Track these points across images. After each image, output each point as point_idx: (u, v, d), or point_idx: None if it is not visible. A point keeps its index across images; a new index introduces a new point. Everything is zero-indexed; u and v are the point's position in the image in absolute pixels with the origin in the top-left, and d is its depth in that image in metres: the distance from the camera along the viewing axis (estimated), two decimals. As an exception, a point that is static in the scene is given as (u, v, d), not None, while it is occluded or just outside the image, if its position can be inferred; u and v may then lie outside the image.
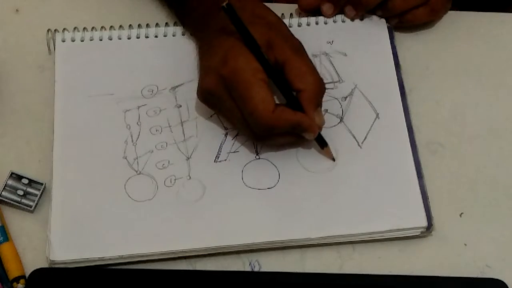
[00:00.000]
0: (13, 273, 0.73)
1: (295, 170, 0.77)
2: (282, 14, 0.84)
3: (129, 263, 0.74)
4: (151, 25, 0.84)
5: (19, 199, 0.76)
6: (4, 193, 0.76)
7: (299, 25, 0.85)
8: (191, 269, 0.74)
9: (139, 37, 0.84)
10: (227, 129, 0.79)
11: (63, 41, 0.84)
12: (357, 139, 0.79)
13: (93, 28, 0.84)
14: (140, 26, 0.85)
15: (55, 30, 0.84)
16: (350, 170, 0.77)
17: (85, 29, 0.84)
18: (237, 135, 0.79)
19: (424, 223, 0.75)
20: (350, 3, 0.84)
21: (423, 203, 0.75)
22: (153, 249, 0.73)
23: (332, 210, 0.75)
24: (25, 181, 0.77)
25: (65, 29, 0.84)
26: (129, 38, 0.84)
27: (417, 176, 0.77)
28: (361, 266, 0.74)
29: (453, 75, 0.84)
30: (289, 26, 0.83)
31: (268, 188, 0.76)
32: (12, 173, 0.77)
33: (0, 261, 0.74)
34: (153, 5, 0.87)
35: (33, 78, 0.83)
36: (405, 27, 0.85)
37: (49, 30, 0.84)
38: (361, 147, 0.79)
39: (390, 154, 0.78)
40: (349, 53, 0.84)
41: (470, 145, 0.80)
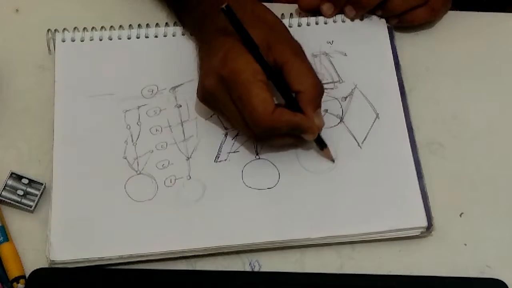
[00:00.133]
0: (13, 273, 0.73)
1: (295, 170, 0.77)
2: (282, 14, 0.84)
3: (129, 263, 0.74)
4: (151, 25, 0.84)
5: (19, 199, 0.76)
6: (4, 193, 0.76)
7: (299, 25, 0.85)
8: (191, 269, 0.74)
9: (139, 37, 0.84)
10: (227, 129, 0.79)
11: (63, 41, 0.84)
12: (357, 139, 0.79)
13: (93, 28, 0.84)
14: (140, 26, 0.85)
15: (55, 30, 0.84)
16: (350, 170, 0.77)
17: (85, 29, 0.84)
18: (237, 135, 0.79)
19: (424, 223, 0.75)
20: (350, 3, 0.84)
21: (423, 203, 0.75)
22: (153, 249, 0.73)
23: (332, 210, 0.75)
24: (25, 181, 0.77)
25: (65, 29, 0.84)
26: (129, 38, 0.84)
27: (417, 176, 0.77)
28: (361, 266, 0.74)
29: (453, 75, 0.84)
30: (289, 26, 0.83)
31: (268, 188, 0.76)
32: (12, 173, 0.77)
33: (0, 261, 0.74)
34: (153, 5, 0.87)
35: (33, 78, 0.83)
36: (405, 27, 0.85)
37: (49, 30, 0.84)
38: (361, 147, 0.79)
39: (390, 154, 0.78)
40: (349, 53, 0.84)
41: (470, 145, 0.80)
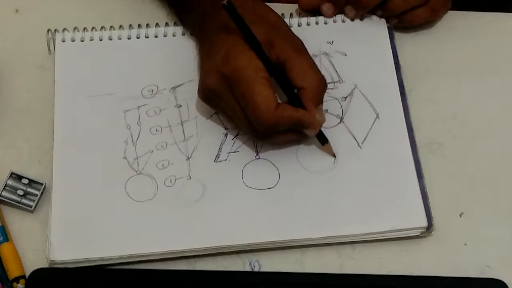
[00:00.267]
0: (13, 273, 0.73)
1: (295, 170, 0.77)
2: (282, 14, 0.84)
3: (129, 263, 0.74)
4: (151, 25, 0.84)
5: (19, 199, 0.76)
6: (4, 193, 0.76)
7: (299, 25, 0.85)
8: (191, 269, 0.74)
9: (139, 37, 0.84)
10: (227, 129, 0.79)
11: (63, 41, 0.83)
12: (357, 139, 0.79)
13: (93, 28, 0.84)
14: (140, 26, 0.85)
15: (55, 30, 0.84)
16: (350, 170, 0.77)
17: (85, 29, 0.84)
18: (237, 135, 0.79)
19: (424, 223, 0.75)
20: (350, 3, 0.84)
21: (423, 203, 0.75)
22: (153, 249, 0.73)
23: (332, 210, 0.75)
24: (25, 181, 0.77)
25: (65, 29, 0.84)
26: (129, 38, 0.84)
27: (417, 176, 0.77)
28: (361, 266, 0.74)
29: (453, 75, 0.84)
30: (289, 26, 0.83)
31: (268, 188, 0.76)
32: (12, 173, 0.77)
33: (0, 261, 0.74)
34: (153, 5, 0.87)
35: (33, 78, 0.83)
36: (405, 27, 0.85)
37: (49, 30, 0.84)
38: (361, 147, 0.79)
39: (390, 154, 0.78)
40: (349, 53, 0.84)
41: (470, 145, 0.80)
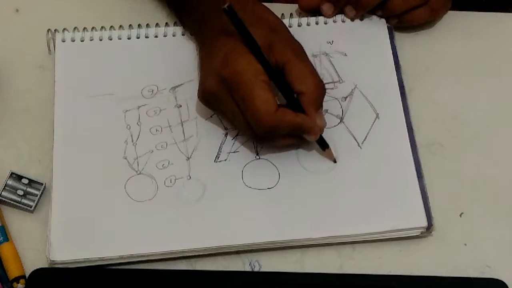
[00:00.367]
0: (13, 273, 0.73)
1: (295, 170, 0.77)
2: (282, 14, 0.84)
3: (129, 263, 0.74)
4: (151, 25, 0.84)
5: (19, 199, 0.76)
6: (4, 193, 0.76)
7: (299, 25, 0.85)
8: (191, 269, 0.74)
9: (139, 37, 0.84)
10: (227, 129, 0.79)
11: (63, 41, 0.83)
12: (357, 139, 0.79)
13: (93, 28, 0.84)
14: (140, 26, 0.84)
15: (55, 30, 0.84)
16: (350, 170, 0.77)
17: (85, 29, 0.84)
18: (237, 135, 0.79)
19: (424, 223, 0.75)
20: (350, 3, 0.84)
21: (423, 203, 0.75)
22: (153, 249, 0.73)
23: (332, 210, 0.75)
24: (25, 181, 0.77)
25: (65, 29, 0.84)
26: (129, 38, 0.84)
27: (417, 176, 0.77)
28: (361, 266, 0.74)
29: (453, 75, 0.84)
30: (289, 26, 0.83)
31: (268, 188, 0.76)
32: (12, 173, 0.77)
33: (0, 261, 0.74)
34: (153, 5, 0.87)
35: (33, 78, 0.83)
36: (405, 27, 0.85)
37: (49, 30, 0.84)
38: (361, 147, 0.79)
39: (390, 154, 0.78)
40: (349, 53, 0.84)
41: (470, 145, 0.80)
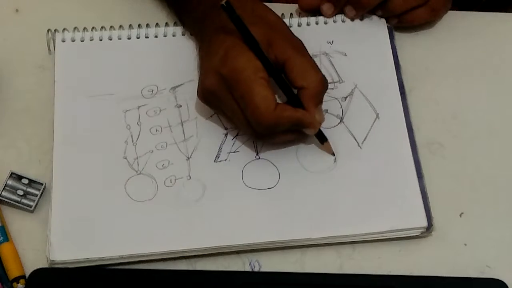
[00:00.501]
0: (13, 273, 0.73)
1: (295, 170, 0.77)
2: (282, 14, 0.84)
3: (129, 263, 0.74)
4: (151, 25, 0.84)
5: (19, 199, 0.76)
6: (4, 193, 0.76)
7: (299, 25, 0.85)
8: (191, 269, 0.74)
9: (139, 37, 0.84)
10: (227, 129, 0.79)
11: (63, 41, 0.83)
12: (357, 139, 0.79)
13: (93, 28, 0.84)
14: (140, 26, 0.85)
15: (55, 30, 0.84)
16: (350, 170, 0.77)
17: (85, 29, 0.84)
18: (237, 135, 0.79)
19: (424, 223, 0.75)
20: (350, 3, 0.84)
21: (423, 203, 0.75)
22: (153, 249, 0.73)
23: (332, 210, 0.75)
24: (25, 181, 0.77)
25: (65, 29, 0.84)
26: (129, 38, 0.84)
27: (417, 176, 0.77)
28: (361, 266, 0.74)
29: (453, 75, 0.84)
30: (289, 26, 0.83)
31: (268, 188, 0.76)
32: (12, 173, 0.77)
33: (0, 261, 0.74)
34: (153, 5, 0.87)
35: (33, 78, 0.83)
36: (405, 27, 0.85)
37: (49, 30, 0.84)
38: (361, 147, 0.79)
39: (390, 154, 0.78)
40: (349, 53, 0.84)
41: (470, 145, 0.80)
